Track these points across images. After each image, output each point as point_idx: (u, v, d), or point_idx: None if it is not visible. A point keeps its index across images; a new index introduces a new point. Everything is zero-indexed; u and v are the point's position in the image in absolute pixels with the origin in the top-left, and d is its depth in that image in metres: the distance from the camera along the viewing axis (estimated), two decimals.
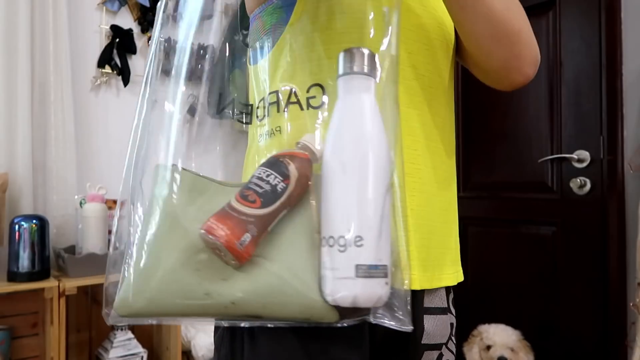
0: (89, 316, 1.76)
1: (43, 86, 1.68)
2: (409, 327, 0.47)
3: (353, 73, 0.48)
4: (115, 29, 1.86)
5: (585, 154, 1.76)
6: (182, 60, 0.59)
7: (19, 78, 1.61)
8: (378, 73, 0.50)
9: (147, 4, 1.90)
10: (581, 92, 1.79)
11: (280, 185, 0.46)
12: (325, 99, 0.55)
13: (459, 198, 0.67)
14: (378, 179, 0.46)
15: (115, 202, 1.71)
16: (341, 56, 0.49)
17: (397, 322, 0.47)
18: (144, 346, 1.68)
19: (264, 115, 0.59)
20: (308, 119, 0.55)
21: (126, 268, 0.47)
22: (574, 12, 1.81)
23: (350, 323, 0.48)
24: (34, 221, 1.48)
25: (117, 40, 1.87)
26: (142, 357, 1.65)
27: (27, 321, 1.64)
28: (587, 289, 1.74)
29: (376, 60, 0.49)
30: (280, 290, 0.46)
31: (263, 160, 0.50)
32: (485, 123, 2.08)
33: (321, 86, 0.56)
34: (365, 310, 0.47)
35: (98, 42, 1.87)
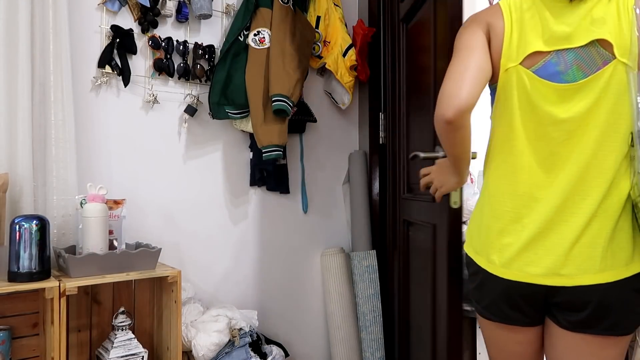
0: (89, 316, 1.76)
1: (43, 86, 1.68)
2: None
3: None
4: (115, 29, 1.86)
5: None
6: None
7: (19, 78, 1.61)
8: None
9: (148, 4, 1.90)
10: None
11: None
12: None
13: None
14: None
15: (115, 202, 1.71)
16: None
17: None
18: (144, 346, 1.68)
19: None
20: None
21: None
22: None
23: None
24: (35, 221, 1.48)
25: (118, 40, 1.87)
26: (142, 357, 1.65)
27: (27, 321, 1.64)
28: None
29: None
30: None
31: None
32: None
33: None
34: None
35: (98, 42, 1.87)
